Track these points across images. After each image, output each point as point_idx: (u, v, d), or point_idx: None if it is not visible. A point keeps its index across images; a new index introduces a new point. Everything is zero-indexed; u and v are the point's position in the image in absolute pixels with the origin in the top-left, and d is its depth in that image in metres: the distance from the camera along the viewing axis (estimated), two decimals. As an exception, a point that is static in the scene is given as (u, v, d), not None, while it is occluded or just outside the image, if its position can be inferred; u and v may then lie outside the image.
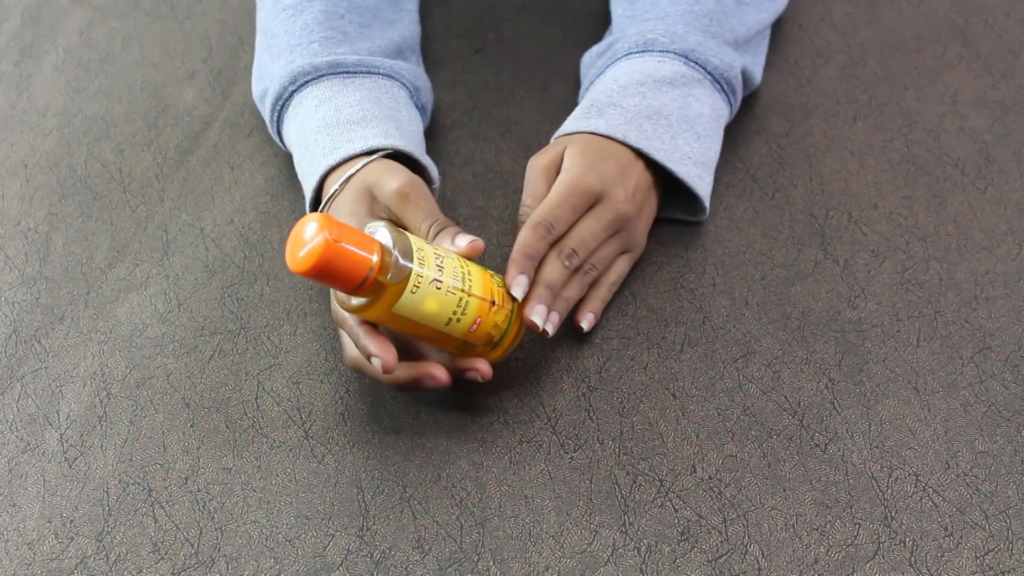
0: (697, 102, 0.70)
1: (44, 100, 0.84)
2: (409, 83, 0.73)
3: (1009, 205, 0.72)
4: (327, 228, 0.53)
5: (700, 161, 0.69)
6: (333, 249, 0.52)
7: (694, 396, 0.63)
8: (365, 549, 0.58)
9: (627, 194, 0.65)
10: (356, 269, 0.54)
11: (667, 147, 0.67)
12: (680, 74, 0.70)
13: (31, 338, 0.68)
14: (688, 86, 0.70)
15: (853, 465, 0.60)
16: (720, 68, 0.70)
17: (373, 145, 0.65)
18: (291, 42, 0.72)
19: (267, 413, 0.64)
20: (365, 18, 0.75)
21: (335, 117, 0.67)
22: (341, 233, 0.53)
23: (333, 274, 0.53)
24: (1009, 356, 0.64)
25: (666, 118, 0.68)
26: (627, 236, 0.66)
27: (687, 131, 0.69)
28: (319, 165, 0.66)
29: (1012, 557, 0.56)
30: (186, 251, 0.72)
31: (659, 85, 0.69)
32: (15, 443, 0.63)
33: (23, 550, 0.59)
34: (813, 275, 0.69)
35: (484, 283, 0.59)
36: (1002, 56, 0.82)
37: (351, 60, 0.70)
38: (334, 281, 0.54)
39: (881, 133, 0.77)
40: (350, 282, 0.54)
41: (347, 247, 0.53)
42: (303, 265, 0.53)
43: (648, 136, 0.67)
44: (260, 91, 0.75)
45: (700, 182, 0.68)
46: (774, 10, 0.78)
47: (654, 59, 0.70)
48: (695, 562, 0.56)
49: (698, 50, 0.70)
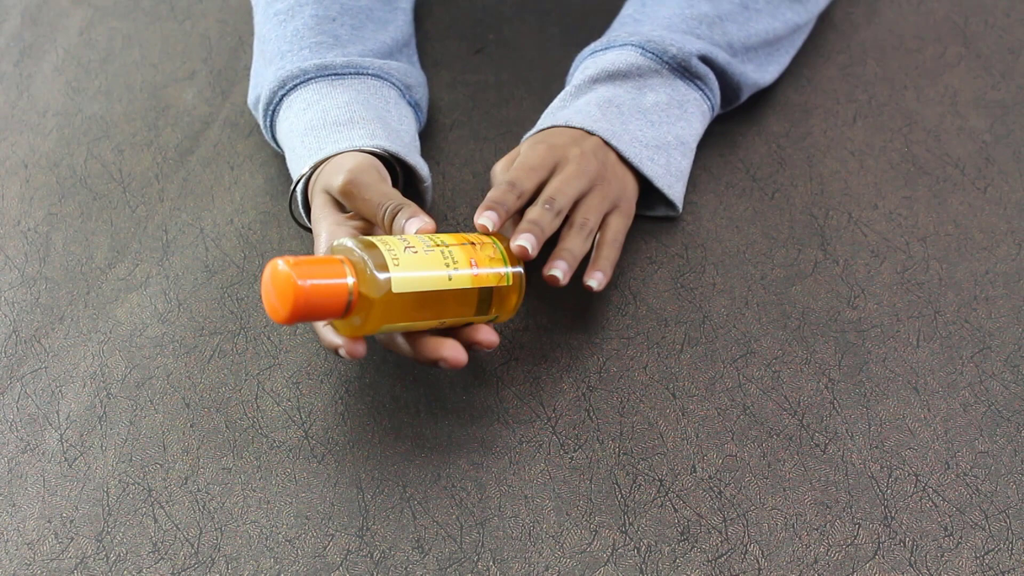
0: (652, 92, 0.71)
1: (44, 100, 0.84)
2: (399, 81, 0.73)
3: (1009, 205, 0.72)
4: (292, 270, 0.52)
5: (652, 144, 0.69)
6: (304, 291, 0.52)
7: (694, 396, 0.63)
8: (365, 549, 0.58)
9: (582, 151, 0.66)
10: (337, 295, 0.53)
11: (616, 129, 0.69)
12: (635, 65, 0.71)
13: (31, 338, 0.68)
14: (643, 77, 0.71)
15: (853, 465, 0.60)
16: (677, 56, 0.71)
17: (358, 146, 0.65)
18: (282, 48, 0.72)
19: (267, 413, 0.64)
20: (358, 19, 0.75)
21: (322, 119, 0.68)
22: (307, 270, 0.53)
23: (317, 310, 0.53)
24: (1009, 356, 0.64)
25: (617, 107, 0.70)
26: (605, 191, 0.66)
27: (639, 119, 0.70)
28: (303, 165, 0.66)
29: (1012, 557, 0.56)
30: (186, 251, 0.72)
31: (611, 79, 0.71)
32: (15, 443, 0.63)
33: (23, 550, 0.59)
34: (813, 275, 0.69)
35: (455, 235, 0.59)
36: (1002, 56, 0.82)
37: (339, 62, 0.71)
38: (322, 314, 0.54)
39: (881, 133, 0.77)
40: (337, 309, 0.54)
41: (318, 282, 0.53)
42: (283, 314, 0.53)
43: (595, 119, 0.69)
44: (254, 97, 0.75)
45: (650, 163, 0.69)
46: (792, 20, 0.78)
47: (612, 54, 0.72)
48: (695, 562, 0.56)
49: (655, 40, 0.71)
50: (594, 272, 0.64)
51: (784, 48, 0.79)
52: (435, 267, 0.56)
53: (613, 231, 0.67)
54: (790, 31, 0.78)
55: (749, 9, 0.75)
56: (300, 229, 0.73)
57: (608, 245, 0.66)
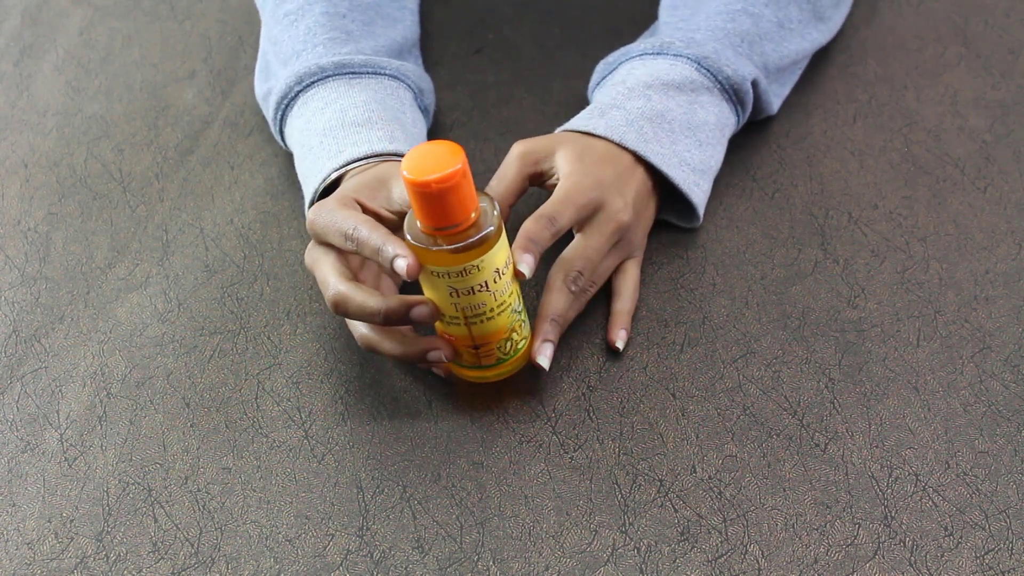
0: (703, 109, 0.69)
1: (44, 100, 0.84)
2: (414, 84, 0.73)
3: (1009, 205, 0.72)
4: (461, 155, 0.53)
5: (699, 168, 0.68)
6: (464, 171, 0.53)
7: (694, 396, 0.63)
8: (365, 549, 0.58)
9: (625, 202, 0.65)
10: (473, 205, 0.55)
11: (666, 151, 0.67)
12: (689, 79, 0.69)
13: (31, 338, 0.68)
14: (696, 92, 0.69)
15: (853, 465, 0.60)
16: (732, 78, 0.70)
17: (376, 150, 0.65)
18: (296, 48, 0.72)
19: (267, 413, 0.64)
20: (367, 15, 0.75)
21: (340, 119, 0.67)
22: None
23: (460, 196, 0.54)
24: (1009, 356, 0.64)
25: (669, 122, 0.68)
26: (626, 244, 0.66)
27: (688, 137, 0.68)
28: (323, 168, 0.66)
29: (1012, 557, 0.56)
30: (186, 251, 0.72)
31: (666, 89, 0.69)
32: (15, 443, 0.63)
33: (23, 550, 0.59)
34: (813, 275, 0.69)
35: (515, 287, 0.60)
36: (1002, 56, 0.82)
37: (358, 60, 0.70)
38: (453, 205, 0.54)
39: (881, 133, 0.77)
40: (466, 213, 0.54)
41: (469, 181, 0.54)
42: (441, 178, 0.52)
43: (647, 139, 0.67)
44: (264, 90, 0.75)
45: (696, 189, 0.68)
46: (816, 40, 0.77)
47: (666, 62, 0.70)
48: (695, 562, 0.56)
49: (712, 57, 0.70)
50: (618, 330, 0.65)
51: (796, 73, 0.78)
52: (505, 261, 0.58)
53: (632, 281, 0.67)
54: (810, 53, 0.78)
55: (784, 28, 0.74)
56: (300, 229, 0.73)
57: (626, 299, 0.66)
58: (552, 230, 0.61)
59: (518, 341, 0.61)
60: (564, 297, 0.62)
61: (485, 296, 0.57)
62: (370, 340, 0.60)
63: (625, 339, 0.65)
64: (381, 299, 0.57)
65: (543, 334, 0.62)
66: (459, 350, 0.61)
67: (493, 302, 0.58)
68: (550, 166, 0.66)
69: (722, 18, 0.72)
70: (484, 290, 0.57)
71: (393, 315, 0.57)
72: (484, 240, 0.55)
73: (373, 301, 0.57)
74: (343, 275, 0.59)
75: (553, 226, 0.61)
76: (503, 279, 0.58)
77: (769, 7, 0.73)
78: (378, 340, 0.60)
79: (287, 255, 0.72)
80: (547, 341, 0.62)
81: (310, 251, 0.61)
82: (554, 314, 0.62)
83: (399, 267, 0.55)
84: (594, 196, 0.63)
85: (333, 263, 0.59)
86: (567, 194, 0.63)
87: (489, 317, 0.58)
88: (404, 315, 0.57)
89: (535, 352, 0.62)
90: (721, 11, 0.73)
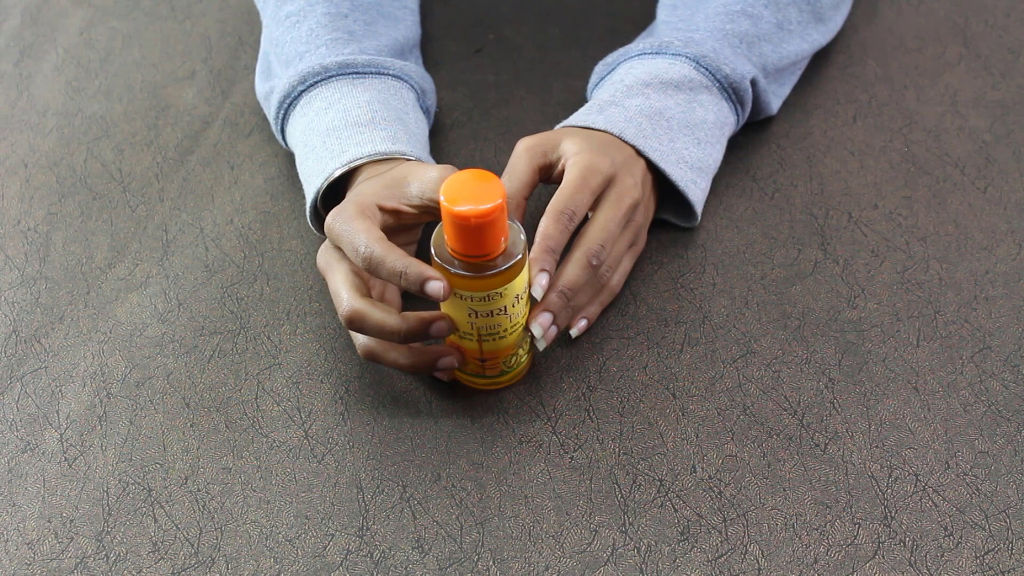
0: (701, 108, 0.69)
1: (44, 100, 0.84)
2: (417, 85, 0.73)
3: (1009, 205, 0.72)
4: (501, 189, 0.53)
5: (697, 166, 0.68)
6: (503, 206, 0.53)
7: (694, 396, 0.63)
8: (365, 549, 0.58)
9: (635, 180, 0.65)
10: (503, 235, 0.55)
11: (664, 148, 0.67)
12: (688, 78, 0.69)
13: (31, 338, 0.68)
14: (694, 91, 0.70)
15: (853, 465, 0.60)
16: (731, 77, 0.70)
17: (380, 150, 0.65)
18: (299, 49, 0.72)
19: (267, 413, 0.64)
20: (369, 15, 0.75)
21: (343, 119, 0.67)
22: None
23: (495, 230, 0.53)
24: (1009, 356, 0.64)
25: (667, 120, 0.68)
26: (635, 227, 0.66)
27: (687, 135, 0.68)
28: (326, 167, 0.66)
29: (1012, 557, 0.56)
30: (186, 251, 0.72)
31: (664, 87, 0.69)
32: (15, 443, 0.63)
33: (23, 550, 0.59)
34: (813, 275, 0.69)
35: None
36: (1002, 56, 0.82)
37: (361, 60, 0.70)
38: (488, 238, 0.54)
39: (881, 133, 0.77)
40: (495, 244, 0.54)
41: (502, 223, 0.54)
42: (482, 213, 0.52)
43: (646, 135, 0.67)
44: (266, 90, 0.75)
45: (694, 187, 0.68)
46: (816, 41, 0.77)
47: (665, 61, 0.70)
48: (695, 562, 0.56)
49: (710, 56, 0.70)
50: (579, 319, 0.65)
51: (795, 74, 0.78)
52: (523, 291, 0.58)
53: (620, 275, 0.67)
54: (810, 54, 0.78)
55: (783, 29, 0.74)
56: (300, 229, 0.73)
57: (609, 292, 0.66)
58: (572, 227, 0.61)
59: (522, 356, 0.62)
60: (581, 271, 0.61)
61: (502, 319, 0.58)
62: (374, 351, 0.60)
63: (582, 330, 0.65)
64: (400, 319, 0.57)
65: (547, 304, 0.60)
66: (466, 359, 0.61)
67: (508, 324, 0.59)
68: (557, 156, 0.66)
69: (721, 19, 0.72)
70: (502, 314, 0.58)
71: (413, 334, 0.58)
72: (510, 268, 0.56)
73: (392, 320, 0.57)
74: (358, 289, 0.59)
75: (572, 223, 0.61)
76: (521, 303, 0.58)
77: (768, 8, 0.73)
78: (383, 351, 0.60)
79: (287, 255, 0.72)
80: (547, 311, 0.60)
81: (323, 253, 0.62)
82: (565, 285, 0.61)
83: (432, 290, 0.55)
84: (608, 169, 0.63)
85: (346, 275, 0.60)
86: (581, 172, 0.62)
87: (502, 336, 0.59)
88: (423, 333, 0.58)
89: (531, 320, 0.60)
90: (720, 12, 0.73)
